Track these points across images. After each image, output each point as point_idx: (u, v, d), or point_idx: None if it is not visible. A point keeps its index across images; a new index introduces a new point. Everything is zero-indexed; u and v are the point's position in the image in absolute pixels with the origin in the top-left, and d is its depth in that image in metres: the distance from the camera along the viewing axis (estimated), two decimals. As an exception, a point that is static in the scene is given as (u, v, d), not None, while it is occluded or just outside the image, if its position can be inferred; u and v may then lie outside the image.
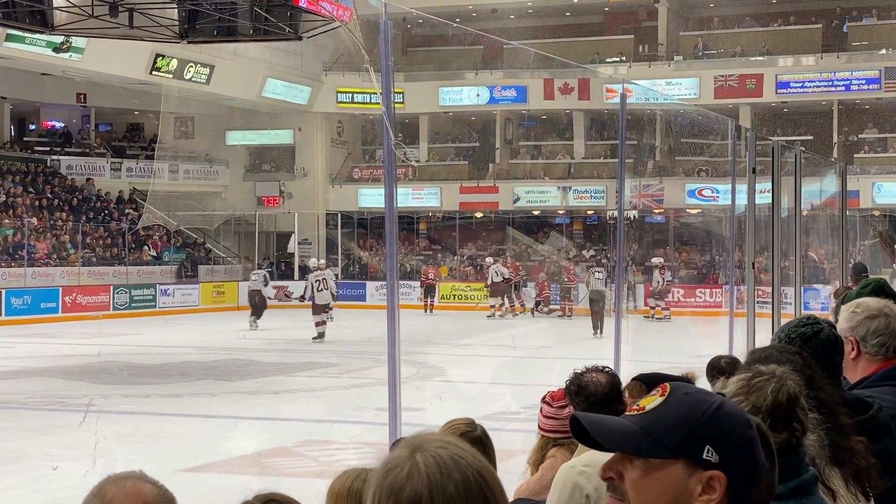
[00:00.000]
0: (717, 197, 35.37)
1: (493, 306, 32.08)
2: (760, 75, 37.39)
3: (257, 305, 28.11)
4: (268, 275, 30.41)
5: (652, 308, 30.98)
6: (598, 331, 24.76)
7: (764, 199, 13.01)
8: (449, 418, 4.04)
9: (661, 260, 31.83)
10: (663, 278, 30.95)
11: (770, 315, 12.15)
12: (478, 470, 1.59)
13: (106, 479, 1.97)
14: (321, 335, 24.33)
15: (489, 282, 32.54)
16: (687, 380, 4.05)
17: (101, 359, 20.31)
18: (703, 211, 37.71)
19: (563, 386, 4.13)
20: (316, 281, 25.19)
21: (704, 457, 1.67)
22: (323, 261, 28.28)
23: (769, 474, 1.88)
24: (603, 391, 3.90)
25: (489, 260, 34.29)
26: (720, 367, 4.76)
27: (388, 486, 1.56)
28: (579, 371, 4.06)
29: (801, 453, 2.30)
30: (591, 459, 3.38)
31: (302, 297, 26.39)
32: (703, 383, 4.80)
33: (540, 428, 4.41)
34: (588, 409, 3.70)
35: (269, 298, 30.02)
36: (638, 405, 1.77)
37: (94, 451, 10.62)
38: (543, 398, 4.41)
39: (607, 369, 4.08)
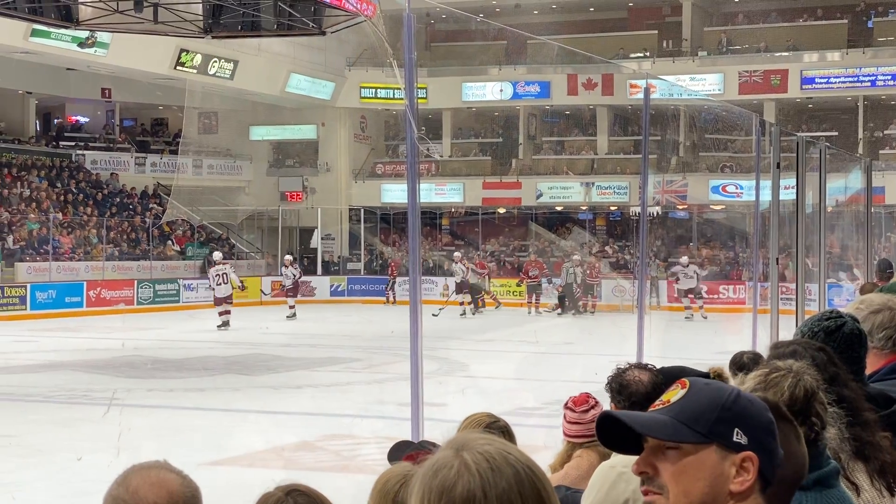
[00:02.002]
0: (741, 193, 35.21)
1: (462, 303, 31.38)
2: (785, 71, 37.19)
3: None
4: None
5: (688, 308, 30.43)
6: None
7: (788, 195, 12.95)
8: (471, 413, 4.03)
9: (686, 259, 31.60)
10: (697, 275, 30.78)
11: (794, 311, 12.11)
12: (527, 464, 1.58)
13: (130, 469, 1.99)
14: (225, 323, 25.78)
15: (457, 279, 31.78)
16: (708, 375, 4.01)
17: (125, 352, 20.41)
18: (727, 207, 37.55)
19: (606, 383, 4.04)
20: (216, 275, 26.54)
21: (735, 439, 1.73)
22: (219, 254, 28.81)
23: (796, 458, 1.91)
24: (645, 390, 3.68)
25: (457, 255, 33.65)
26: (742, 363, 4.73)
27: (437, 485, 1.54)
28: (622, 368, 3.94)
29: (821, 447, 2.30)
30: (630, 461, 3.30)
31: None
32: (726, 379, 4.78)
33: (565, 434, 4.36)
34: (629, 409, 3.56)
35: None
36: (661, 399, 1.79)
37: (118, 443, 10.68)
38: (566, 404, 4.37)
39: (650, 366, 3.95)
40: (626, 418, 1.78)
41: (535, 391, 15.33)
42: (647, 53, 39.54)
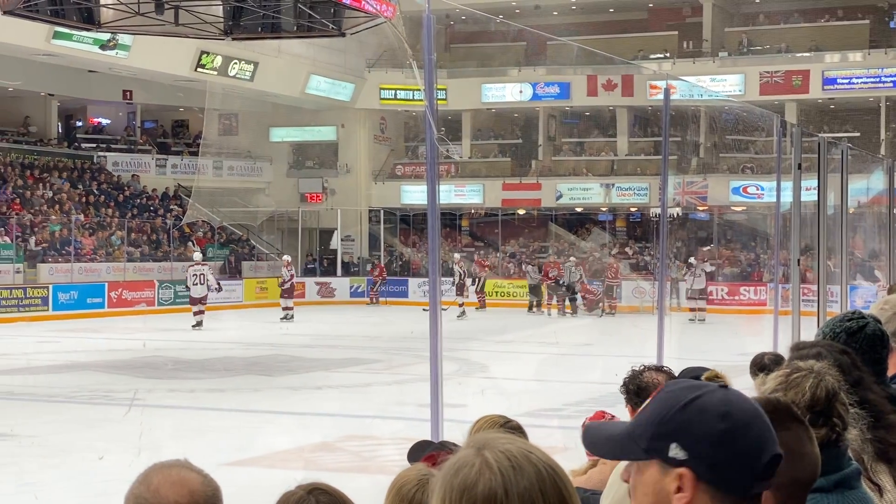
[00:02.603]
0: (763, 194, 35.08)
1: (461, 304, 31.27)
2: (807, 71, 37.03)
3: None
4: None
5: (699, 310, 29.92)
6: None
7: (810, 196, 12.90)
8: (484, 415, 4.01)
9: (694, 259, 31.06)
10: (705, 273, 30.20)
11: (815, 313, 12.06)
12: (548, 463, 1.58)
13: (152, 467, 1.99)
14: (199, 324, 26.07)
15: (456, 280, 31.81)
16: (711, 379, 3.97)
17: (146, 353, 20.49)
18: (748, 208, 37.42)
19: (621, 385, 4.03)
20: (193, 275, 26.92)
21: (671, 454, 1.64)
22: (199, 255, 29.05)
23: (809, 459, 1.88)
24: None
25: (456, 256, 33.52)
26: (763, 364, 4.72)
27: (459, 484, 1.54)
28: (637, 370, 3.92)
29: (843, 448, 2.29)
30: None
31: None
32: (741, 382, 4.77)
33: (588, 454, 4.36)
34: None
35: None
36: (642, 408, 1.78)
37: (140, 442, 10.72)
38: (584, 424, 4.35)
39: (666, 368, 3.94)
40: (588, 433, 1.77)
41: (554, 392, 15.30)
42: (668, 55, 39.44)
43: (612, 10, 41.58)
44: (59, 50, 30.54)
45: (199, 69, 34.22)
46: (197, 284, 26.88)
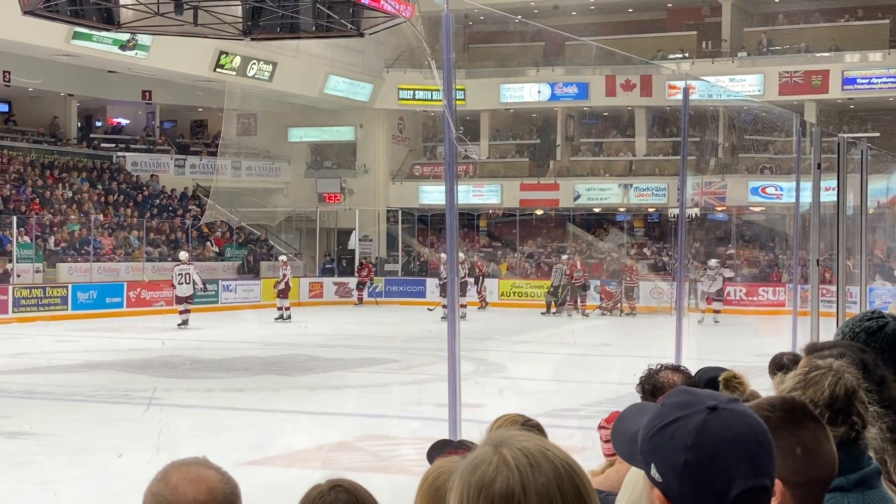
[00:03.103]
0: (781, 194, 34.96)
1: (444, 306, 30.82)
2: (826, 71, 36.88)
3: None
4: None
5: (715, 311, 29.70)
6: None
7: (829, 196, 12.86)
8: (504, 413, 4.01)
9: (715, 261, 30.83)
10: (722, 276, 30.04)
11: (835, 314, 12.01)
12: (566, 461, 1.58)
13: (170, 465, 2.00)
14: (185, 322, 26.41)
15: (441, 281, 30.92)
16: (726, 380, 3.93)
17: (164, 352, 20.55)
18: (767, 208, 37.30)
19: (637, 384, 4.02)
20: (179, 275, 27.25)
21: (651, 474, 1.64)
22: (185, 254, 29.13)
23: (826, 459, 1.87)
24: None
25: (442, 256, 31.75)
26: (782, 363, 4.70)
27: (476, 481, 1.53)
28: (654, 369, 3.90)
29: (862, 446, 2.28)
30: None
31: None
32: (760, 383, 4.77)
33: (604, 453, 4.36)
34: None
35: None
36: None
37: (158, 440, 10.76)
38: (600, 424, 4.36)
39: (683, 368, 3.92)
40: (615, 426, 1.78)
41: (572, 393, 15.29)
42: (686, 55, 39.33)
43: (630, 10, 41.50)
44: (79, 50, 30.67)
45: (217, 69, 34.31)
46: (182, 284, 27.18)
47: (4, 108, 38.37)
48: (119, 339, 23.45)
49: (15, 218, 30.66)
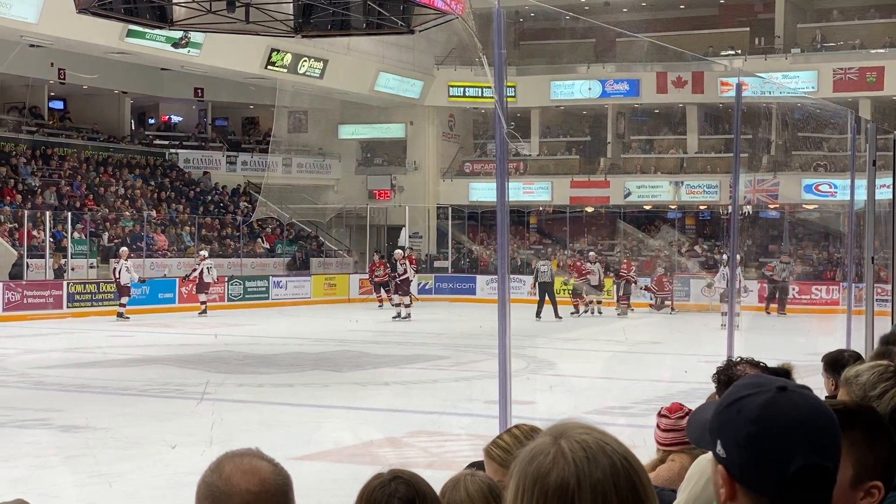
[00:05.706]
0: (835, 192, 34.58)
1: (398, 304, 29.16)
2: (881, 68, 36.39)
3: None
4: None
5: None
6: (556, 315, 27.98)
7: (884, 194, 12.70)
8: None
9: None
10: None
11: (889, 313, 11.87)
12: (624, 455, 1.58)
13: (223, 456, 2.01)
14: (121, 315, 27.27)
15: (399, 279, 29.72)
16: (786, 371, 3.95)
17: (216, 347, 20.71)
18: (821, 206, 36.91)
19: (714, 374, 3.99)
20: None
21: (717, 451, 1.66)
22: (125, 249, 29.14)
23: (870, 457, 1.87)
24: None
25: (398, 252, 31.19)
26: (843, 361, 4.65)
27: (533, 471, 1.55)
28: (732, 361, 3.92)
29: None
30: None
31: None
32: (812, 382, 4.73)
33: (658, 442, 4.36)
34: None
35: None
36: None
37: (210, 434, 10.85)
38: (659, 412, 4.37)
39: (761, 363, 3.92)
40: (692, 416, 1.82)
41: (623, 390, 15.22)
42: (738, 51, 39.00)
43: (682, 6, 41.23)
44: (133, 48, 30.96)
45: (269, 67, 34.51)
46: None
47: (59, 105, 38.86)
48: (171, 335, 23.67)
49: (70, 214, 31.04)
